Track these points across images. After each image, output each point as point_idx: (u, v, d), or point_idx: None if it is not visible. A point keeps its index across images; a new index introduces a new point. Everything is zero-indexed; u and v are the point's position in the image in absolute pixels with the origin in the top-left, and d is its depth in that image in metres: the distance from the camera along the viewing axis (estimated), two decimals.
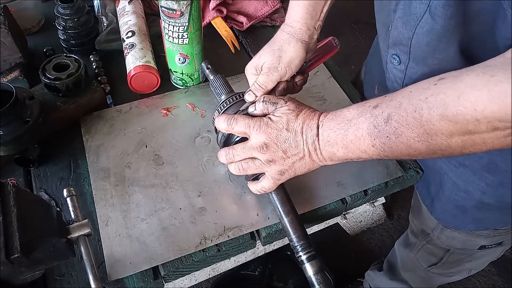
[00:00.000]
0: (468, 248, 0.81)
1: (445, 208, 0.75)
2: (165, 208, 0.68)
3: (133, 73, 0.82)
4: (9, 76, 0.81)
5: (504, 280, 1.58)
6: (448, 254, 0.85)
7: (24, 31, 0.94)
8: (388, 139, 0.50)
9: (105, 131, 0.78)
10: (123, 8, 0.93)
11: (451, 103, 0.43)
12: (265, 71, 0.64)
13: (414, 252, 0.94)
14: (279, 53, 0.64)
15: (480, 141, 0.45)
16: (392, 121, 0.49)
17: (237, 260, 0.80)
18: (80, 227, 0.52)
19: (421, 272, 0.98)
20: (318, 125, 0.57)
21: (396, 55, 0.62)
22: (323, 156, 0.57)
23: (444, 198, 0.74)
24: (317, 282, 0.58)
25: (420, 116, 0.46)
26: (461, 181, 0.69)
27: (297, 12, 0.65)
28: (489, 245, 0.79)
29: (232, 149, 0.63)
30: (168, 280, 0.65)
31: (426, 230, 0.86)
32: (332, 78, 0.90)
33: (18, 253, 0.43)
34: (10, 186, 0.47)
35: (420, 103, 0.46)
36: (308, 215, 0.70)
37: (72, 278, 0.62)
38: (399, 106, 0.48)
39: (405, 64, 0.61)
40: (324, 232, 0.89)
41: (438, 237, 0.83)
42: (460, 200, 0.71)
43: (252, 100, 0.64)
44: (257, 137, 0.59)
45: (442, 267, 0.90)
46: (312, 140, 0.57)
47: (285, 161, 0.59)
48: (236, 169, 0.63)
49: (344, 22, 2.50)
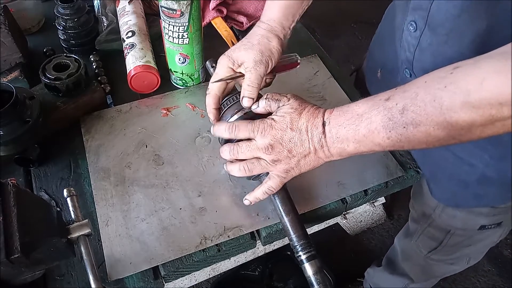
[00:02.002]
0: (468, 228, 0.82)
1: (446, 186, 0.76)
2: (165, 208, 0.68)
3: (133, 73, 0.82)
4: (9, 76, 0.81)
5: (504, 280, 1.58)
6: (449, 236, 0.86)
7: (24, 31, 0.94)
8: (405, 130, 0.50)
9: (105, 131, 0.78)
10: (123, 8, 0.93)
11: (473, 89, 0.44)
12: (251, 67, 0.64)
13: (415, 239, 0.95)
14: (259, 47, 0.64)
15: (500, 125, 0.45)
16: (408, 112, 0.49)
17: (237, 260, 0.80)
18: (80, 227, 0.52)
19: (420, 260, 0.98)
20: (323, 123, 0.57)
21: (414, 21, 0.63)
22: (331, 152, 0.58)
23: (447, 174, 0.74)
24: (317, 282, 0.58)
25: (440, 105, 0.46)
26: (464, 154, 0.69)
27: (273, 12, 0.67)
28: (488, 225, 0.79)
29: (237, 146, 0.62)
30: (168, 280, 0.65)
31: (427, 212, 0.87)
32: (332, 78, 0.90)
33: (18, 253, 0.43)
34: (10, 186, 0.47)
35: (438, 92, 0.46)
36: (308, 215, 0.70)
37: (72, 278, 0.62)
38: (415, 97, 0.49)
39: (420, 31, 0.62)
40: (324, 232, 0.89)
41: (440, 216, 0.83)
42: (463, 174, 0.71)
43: (250, 105, 0.64)
44: (262, 139, 0.60)
45: (442, 252, 0.91)
46: (318, 138, 0.57)
47: (290, 160, 0.59)
48: (242, 171, 0.63)
49: (344, 22, 2.50)
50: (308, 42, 1.00)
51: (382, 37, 0.85)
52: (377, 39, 0.90)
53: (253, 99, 0.64)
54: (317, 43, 1.00)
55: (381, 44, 0.85)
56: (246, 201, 0.65)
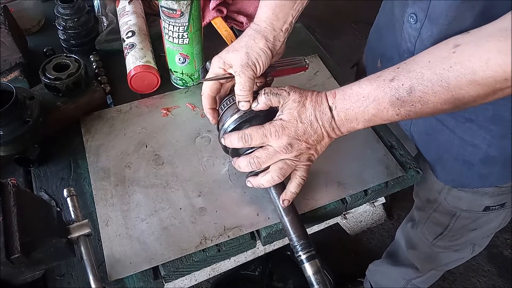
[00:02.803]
0: (473, 210, 0.83)
1: (452, 167, 0.77)
2: (165, 208, 0.68)
3: (133, 73, 0.82)
4: (9, 76, 0.81)
5: (504, 280, 1.58)
6: (454, 219, 0.87)
7: (24, 31, 0.94)
8: (413, 107, 0.53)
9: (105, 131, 0.78)
10: (123, 8, 0.93)
11: (479, 68, 0.47)
12: (238, 71, 0.63)
13: (420, 227, 0.96)
14: (246, 50, 0.64)
15: (501, 93, 0.49)
16: (416, 91, 0.52)
17: (237, 260, 0.80)
18: (80, 227, 0.52)
19: (426, 248, 0.99)
20: (330, 108, 0.59)
21: (414, 13, 0.64)
22: (342, 131, 0.60)
23: (452, 156, 0.75)
24: (316, 282, 0.58)
25: (447, 84, 0.49)
26: (468, 135, 0.70)
27: (264, 12, 0.66)
28: (493, 206, 0.81)
29: (255, 157, 0.62)
30: (168, 280, 0.65)
31: (432, 198, 0.88)
32: (332, 78, 0.90)
33: (18, 253, 0.43)
34: (10, 186, 0.47)
35: (445, 72, 0.49)
36: (308, 215, 0.70)
37: (72, 278, 0.62)
38: (421, 77, 0.51)
39: (421, 22, 0.63)
40: (324, 232, 0.89)
41: (446, 198, 0.84)
42: (467, 155, 0.73)
43: (248, 107, 0.64)
44: (278, 141, 0.60)
45: (448, 238, 0.92)
46: (329, 123, 0.59)
47: (310, 149, 0.62)
48: (275, 178, 0.63)
49: (344, 22, 2.50)
50: (308, 42, 1.00)
51: (380, 27, 0.85)
52: (375, 30, 0.90)
53: (249, 101, 0.63)
54: (317, 43, 1.00)
55: (379, 34, 0.85)
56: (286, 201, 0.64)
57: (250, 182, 0.66)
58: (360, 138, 0.78)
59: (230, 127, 0.65)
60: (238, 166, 0.65)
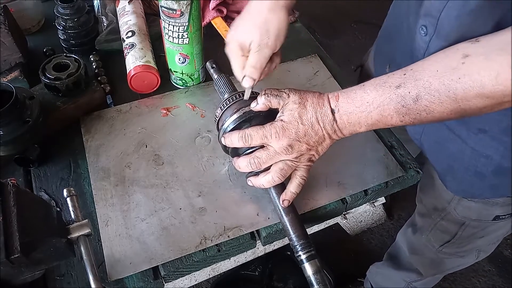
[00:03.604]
0: (482, 219, 0.82)
1: (463, 178, 0.76)
2: (165, 208, 0.68)
3: (133, 73, 0.82)
4: (9, 76, 0.81)
5: (504, 280, 1.58)
6: (463, 228, 0.85)
7: (24, 31, 0.94)
8: (418, 115, 0.53)
9: (105, 131, 0.78)
10: (123, 8, 0.93)
11: (488, 82, 0.47)
12: (255, 49, 0.61)
13: (426, 233, 0.94)
14: (265, 26, 0.61)
15: (507, 104, 0.49)
16: (422, 100, 0.51)
17: (237, 260, 0.80)
18: (80, 227, 0.52)
19: (431, 254, 0.98)
20: (332, 110, 0.58)
21: (425, 26, 0.63)
22: (344, 134, 0.60)
23: (463, 167, 0.74)
24: (316, 282, 0.58)
25: (454, 95, 0.49)
26: (480, 146, 0.69)
27: None
28: (502, 215, 0.80)
29: (255, 158, 0.62)
30: (168, 280, 0.65)
31: (439, 206, 0.86)
32: (332, 78, 0.90)
33: (18, 253, 0.43)
34: (10, 186, 0.47)
35: (453, 83, 0.49)
36: (308, 215, 0.70)
37: (72, 278, 0.62)
38: (429, 86, 0.51)
39: (430, 36, 0.63)
40: (324, 232, 0.89)
41: (455, 208, 0.83)
42: (480, 166, 0.72)
43: (251, 85, 0.63)
44: (278, 142, 0.60)
45: (455, 245, 0.90)
46: (330, 125, 0.59)
47: (311, 150, 0.61)
48: (275, 179, 0.63)
49: (344, 22, 2.50)
50: (308, 42, 1.00)
51: (390, 31, 0.84)
52: (385, 34, 0.89)
53: (254, 80, 0.63)
54: (317, 43, 1.00)
55: (389, 39, 0.84)
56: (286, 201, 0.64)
57: (251, 181, 0.66)
58: (360, 138, 0.77)
59: (230, 127, 0.65)
60: (238, 166, 0.65)
